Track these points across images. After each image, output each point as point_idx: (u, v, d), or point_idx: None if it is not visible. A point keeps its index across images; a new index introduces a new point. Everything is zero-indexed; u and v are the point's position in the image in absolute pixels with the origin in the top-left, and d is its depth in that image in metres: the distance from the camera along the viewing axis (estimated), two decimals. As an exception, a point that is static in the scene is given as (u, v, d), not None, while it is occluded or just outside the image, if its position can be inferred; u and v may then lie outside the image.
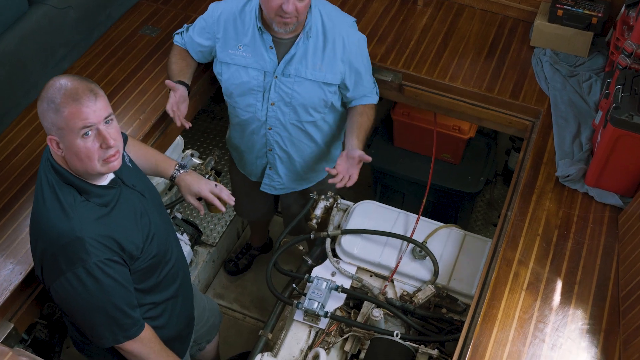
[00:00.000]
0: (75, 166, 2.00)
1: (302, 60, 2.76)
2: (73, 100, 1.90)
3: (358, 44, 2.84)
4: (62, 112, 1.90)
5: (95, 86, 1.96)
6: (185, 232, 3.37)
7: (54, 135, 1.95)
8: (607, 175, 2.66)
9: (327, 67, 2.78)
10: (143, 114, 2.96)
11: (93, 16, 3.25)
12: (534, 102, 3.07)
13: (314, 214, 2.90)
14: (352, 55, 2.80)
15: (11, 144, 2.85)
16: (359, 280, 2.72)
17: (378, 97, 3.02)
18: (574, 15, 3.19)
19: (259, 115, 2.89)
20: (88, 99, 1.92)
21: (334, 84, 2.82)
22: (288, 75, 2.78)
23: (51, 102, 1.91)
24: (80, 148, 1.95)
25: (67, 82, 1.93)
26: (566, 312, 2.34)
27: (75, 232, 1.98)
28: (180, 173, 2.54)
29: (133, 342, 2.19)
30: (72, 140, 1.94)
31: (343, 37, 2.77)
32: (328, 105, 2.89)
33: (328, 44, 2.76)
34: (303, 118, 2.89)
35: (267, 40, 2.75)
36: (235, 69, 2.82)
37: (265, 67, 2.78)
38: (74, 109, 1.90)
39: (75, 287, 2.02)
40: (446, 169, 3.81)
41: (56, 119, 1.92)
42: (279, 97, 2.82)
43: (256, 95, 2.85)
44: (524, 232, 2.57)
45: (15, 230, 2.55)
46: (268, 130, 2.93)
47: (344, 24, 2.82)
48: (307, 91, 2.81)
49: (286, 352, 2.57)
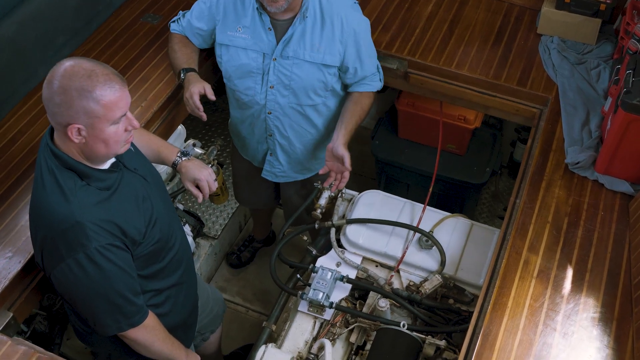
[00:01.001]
0: (98, 151, 1.97)
1: (300, 41, 2.72)
2: (110, 88, 1.88)
3: (358, 25, 2.78)
4: (99, 100, 1.87)
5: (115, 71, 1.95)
6: (187, 223, 3.32)
7: (79, 123, 1.90)
8: (617, 162, 2.62)
9: (326, 48, 2.74)
10: (145, 101, 2.92)
11: (93, 3, 3.22)
12: (542, 89, 3.04)
13: (318, 203, 2.86)
14: (351, 36, 2.75)
15: (10, 131, 2.81)
16: (364, 271, 2.69)
17: (381, 84, 2.97)
18: (581, 2, 3.15)
19: (258, 99, 2.85)
20: (122, 86, 1.92)
21: (333, 65, 2.77)
22: (287, 57, 2.74)
23: (84, 90, 1.86)
24: (111, 134, 1.94)
25: (94, 68, 1.88)
26: (577, 300, 2.30)
27: (75, 217, 1.94)
28: (183, 160, 2.51)
29: (137, 330, 2.15)
30: (104, 127, 1.92)
31: (342, 18, 2.73)
32: (329, 89, 2.85)
33: (326, 25, 2.72)
34: (303, 101, 2.85)
35: (265, 21, 2.71)
36: (235, 50, 2.79)
37: (264, 48, 2.75)
38: (113, 97, 1.89)
39: (76, 273, 1.98)
40: (451, 159, 3.77)
41: (92, 108, 1.87)
42: (278, 80, 2.78)
43: (255, 77, 2.81)
44: (534, 220, 2.53)
45: (14, 218, 2.51)
46: (268, 114, 2.89)
47: (344, 4, 2.77)
48: (306, 73, 2.77)
49: (291, 344, 2.54)
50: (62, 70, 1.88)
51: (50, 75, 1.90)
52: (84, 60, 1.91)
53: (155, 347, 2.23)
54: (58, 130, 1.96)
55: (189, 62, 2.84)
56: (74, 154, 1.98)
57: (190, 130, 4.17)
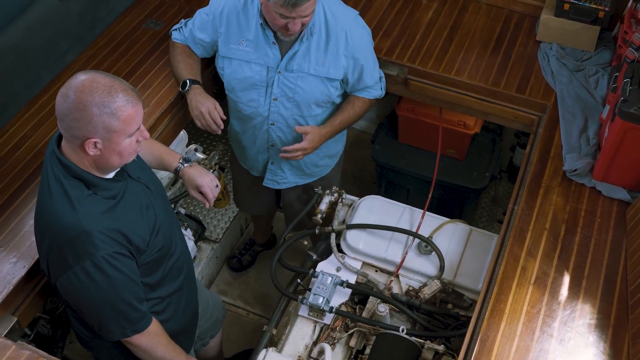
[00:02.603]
0: (112, 163, 2.01)
1: (305, 56, 2.75)
2: (128, 103, 1.93)
3: (361, 38, 2.82)
4: (119, 116, 1.91)
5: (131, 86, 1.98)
6: (188, 228, 3.35)
7: (97, 137, 1.93)
8: (614, 169, 2.65)
9: (331, 63, 2.77)
10: (147, 107, 2.94)
11: (96, 9, 3.24)
12: (541, 96, 3.06)
13: (318, 208, 2.89)
14: (356, 50, 2.79)
15: (14, 137, 2.83)
16: (364, 276, 2.72)
17: (382, 93, 3.00)
18: (580, 9, 3.17)
19: (262, 111, 2.87)
20: (137, 101, 1.96)
21: (336, 79, 2.81)
22: (291, 70, 2.77)
23: (104, 106, 1.89)
24: (126, 147, 1.99)
25: (113, 83, 1.91)
26: (574, 307, 2.32)
27: (82, 226, 1.97)
28: (185, 166, 2.53)
29: (141, 336, 2.18)
30: (121, 140, 1.96)
31: (346, 32, 2.75)
32: (331, 100, 2.88)
33: (331, 40, 2.75)
34: (306, 113, 2.87)
35: (269, 36, 2.73)
36: (238, 63, 2.81)
37: (269, 62, 2.77)
38: (132, 112, 1.94)
39: (83, 281, 2.01)
40: (451, 164, 3.79)
41: (112, 123, 1.91)
42: (282, 93, 2.81)
43: (259, 90, 2.83)
44: (531, 227, 2.55)
45: (18, 224, 2.54)
46: (270, 125, 2.91)
47: (347, 18, 2.80)
48: (310, 86, 2.80)
49: (291, 348, 2.56)
50: (80, 84, 1.89)
51: (65, 89, 1.91)
52: (99, 75, 1.93)
53: (157, 352, 2.25)
54: (72, 143, 1.97)
55: (192, 72, 2.87)
56: (84, 164, 2.00)
57: (191, 135, 4.18)
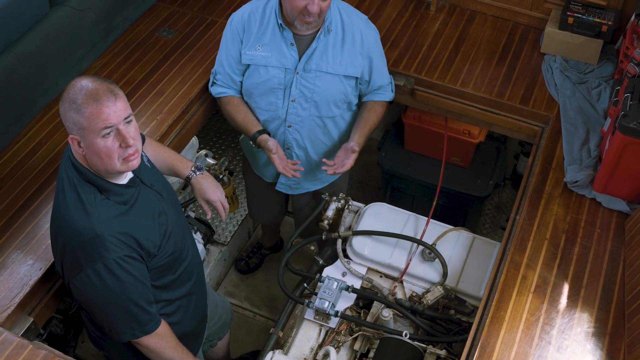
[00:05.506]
0: (96, 165, 2.05)
1: (323, 54, 2.82)
2: (94, 101, 1.95)
3: (375, 38, 2.93)
4: (83, 112, 1.95)
5: (115, 87, 2.01)
6: (198, 231, 3.41)
7: (75, 134, 2.01)
8: (614, 181, 2.70)
9: (347, 61, 2.85)
10: (160, 114, 3.01)
11: (111, 17, 3.30)
12: (544, 108, 3.11)
13: (325, 215, 2.93)
14: (370, 49, 2.88)
15: (31, 142, 2.90)
16: (369, 281, 2.76)
17: (393, 95, 3.08)
18: (584, 23, 3.23)
19: (280, 113, 2.92)
20: (108, 99, 1.97)
21: (353, 76, 2.88)
22: (309, 70, 2.83)
23: (73, 102, 1.96)
24: (101, 147, 2.00)
25: (87, 83, 1.98)
26: (572, 315, 2.38)
27: (95, 229, 2.03)
28: (197, 175, 2.58)
29: (150, 337, 2.23)
30: (93, 139, 1.99)
31: (361, 31, 2.85)
32: (347, 101, 2.95)
33: (347, 38, 2.83)
34: (324, 113, 2.94)
35: (288, 37, 2.80)
36: (255, 68, 2.86)
37: (286, 64, 2.83)
38: (95, 109, 1.95)
39: (94, 282, 2.07)
40: (456, 172, 3.84)
41: (78, 119, 1.97)
42: (300, 94, 2.87)
43: (277, 93, 2.89)
44: (532, 236, 2.61)
45: (35, 227, 2.60)
46: (287, 127, 2.96)
47: (360, 19, 2.90)
48: (328, 85, 2.86)
49: (297, 350, 2.61)
50: (70, 84, 2.00)
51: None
52: (89, 78, 2.00)
53: (166, 354, 2.30)
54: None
55: (252, 125, 2.93)
56: (90, 168, 2.08)
57: (201, 139, 4.24)
